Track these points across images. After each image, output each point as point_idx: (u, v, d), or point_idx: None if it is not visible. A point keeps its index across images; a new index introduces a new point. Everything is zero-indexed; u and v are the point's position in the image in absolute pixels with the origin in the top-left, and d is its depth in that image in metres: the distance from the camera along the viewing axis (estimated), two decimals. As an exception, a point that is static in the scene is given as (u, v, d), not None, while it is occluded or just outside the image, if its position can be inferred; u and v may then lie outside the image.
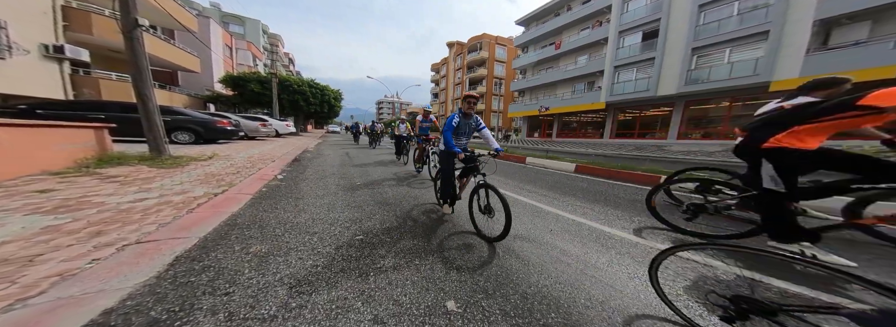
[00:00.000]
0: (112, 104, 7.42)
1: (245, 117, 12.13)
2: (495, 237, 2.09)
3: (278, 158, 6.27)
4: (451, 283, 1.55)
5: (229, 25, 30.65)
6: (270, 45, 20.10)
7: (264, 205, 2.87)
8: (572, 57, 21.21)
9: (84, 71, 10.73)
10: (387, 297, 1.39)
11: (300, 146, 9.94)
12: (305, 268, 1.65)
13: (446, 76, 48.47)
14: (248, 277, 1.52)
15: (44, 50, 8.70)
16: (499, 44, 37.63)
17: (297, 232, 2.22)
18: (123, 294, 1.29)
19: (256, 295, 1.35)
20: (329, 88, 22.14)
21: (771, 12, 11.46)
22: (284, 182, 4.14)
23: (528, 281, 1.60)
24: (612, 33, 17.45)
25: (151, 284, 1.39)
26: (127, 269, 1.47)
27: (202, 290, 1.37)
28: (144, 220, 2.15)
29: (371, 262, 1.76)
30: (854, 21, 10.08)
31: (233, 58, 24.53)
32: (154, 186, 3.15)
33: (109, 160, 4.17)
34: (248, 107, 19.51)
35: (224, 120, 8.74)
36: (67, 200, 2.46)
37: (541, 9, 23.37)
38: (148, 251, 1.69)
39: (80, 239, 1.76)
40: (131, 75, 4.58)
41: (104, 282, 1.35)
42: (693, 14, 13.76)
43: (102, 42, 10.60)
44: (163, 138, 4.86)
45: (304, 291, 1.41)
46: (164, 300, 1.28)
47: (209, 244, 1.90)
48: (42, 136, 3.55)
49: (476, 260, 1.85)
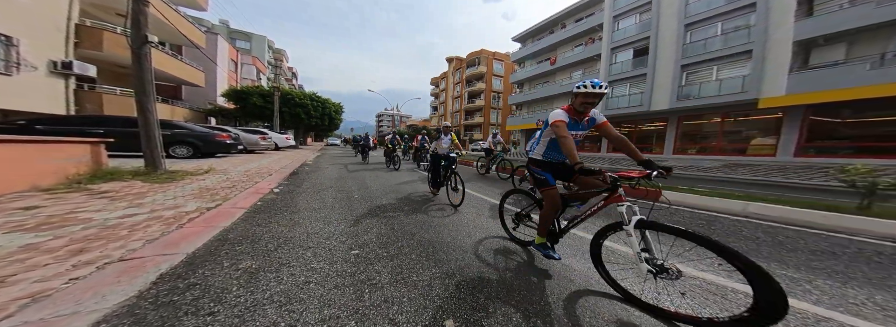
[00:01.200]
0: (112, 118, 7.46)
1: (245, 130, 12.18)
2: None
3: (276, 172, 6.22)
4: (449, 301, 1.46)
5: (236, 41, 31.66)
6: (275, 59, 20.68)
7: (258, 220, 2.80)
8: (567, 72, 21.90)
9: (89, 86, 10.90)
10: (382, 316, 1.31)
11: (299, 159, 9.91)
12: (297, 285, 1.56)
13: (445, 90, 49.66)
14: (236, 295, 1.43)
15: (52, 66, 8.87)
16: (496, 59, 38.94)
17: (291, 246, 2.14)
18: (98, 316, 1.21)
19: (243, 315, 1.27)
20: (330, 101, 22.50)
21: (753, 32, 12.00)
22: (280, 196, 4.07)
23: (531, 299, 1.52)
24: (605, 50, 18.14)
25: (130, 305, 1.30)
26: (106, 289, 1.39)
27: (185, 310, 1.28)
28: (131, 237, 2.07)
29: (366, 278, 1.68)
30: (830, 43, 10.54)
31: (237, 72, 25.10)
32: (145, 201, 3.08)
33: (103, 175, 4.11)
34: (250, 120, 19.68)
35: (223, 133, 8.75)
36: (51, 217, 2.38)
37: (536, 26, 24.45)
38: (131, 269, 1.61)
39: (60, 257, 1.68)
40: (135, 89, 4.64)
41: (79, 304, 1.26)
42: (680, 33, 14.40)
43: (111, 58, 10.84)
44: (160, 152, 4.83)
45: (294, 310, 1.33)
46: (143, 321, 1.19)
47: (197, 260, 1.81)
48: (34, 152, 3.51)
49: (475, 276, 1.77)
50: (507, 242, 2.44)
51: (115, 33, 10.40)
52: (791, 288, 1.77)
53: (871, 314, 1.50)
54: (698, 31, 14.07)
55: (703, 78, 13.81)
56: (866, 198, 3.39)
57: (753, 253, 2.39)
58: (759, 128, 12.53)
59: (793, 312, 1.46)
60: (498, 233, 2.68)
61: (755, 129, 12.64)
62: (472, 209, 3.69)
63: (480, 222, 3.05)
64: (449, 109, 47.64)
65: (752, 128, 12.74)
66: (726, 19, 13.09)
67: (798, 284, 1.83)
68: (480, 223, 3.02)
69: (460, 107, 43.05)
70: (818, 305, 1.58)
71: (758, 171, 9.20)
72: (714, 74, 13.44)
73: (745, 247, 2.52)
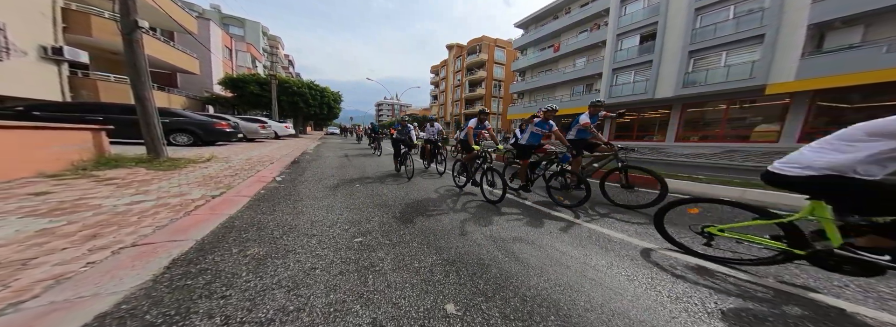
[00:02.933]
0: (111, 106, 7.40)
1: (244, 119, 12.10)
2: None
3: (277, 160, 6.25)
4: (450, 286, 1.53)
5: (229, 27, 30.66)
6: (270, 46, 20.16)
7: (263, 208, 2.86)
8: (571, 59, 21.35)
9: (83, 73, 10.71)
10: (386, 300, 1.38)
11: (299, 148, 9.92)
12: (303, 271, 1.63)
13: (446, 78, 48.62)
14: (246, 280, 1.50)
15: (42, 52, 8.68)
16: (498, 46, 37.84)
17: (296, 234, 2.21)
18: (118, 298, 1.27)
19: (254, 299, 1.34)
20: (329, 90, 22.15)
21: (766, 16, 11.59)
22: (283, 184, 4.13)
23: (528, 284, 1.59)
24: (610, 36, 17.59)
25: (147, 288, 1.37)
26: (122, 273, 1.46)
27: (199, 294, 1.35)
28: (141, 223, 2.13)
29: (370, 265, 1.75)
30: (847, 25, 10.20)
31: (232, 59, 24.54)
32: (151, 189, 3.13)
33: (106, 162, 4.15)
34: (247, 108, 19.48)
35: (223, 122, 8.71)
36: (63, 203, 2.44)
37: (540, 11, 23.57)
38: (144, 254, 1.67)
39: (75, 242, 1.74)
40: (130, 77, 4.58)
41: (99, 286, 1.33)
42: (690, 17, 13.90)
43: (102, 44, 10.59)
44: (161, 140, 4.84)
45: (302, 294, 1.40)
46: (160, 303, 1.26)
47: (206, 247, 1.88)
48: (38, 138, 3.53)
49: (476, 262, 1.84)
50: (506, 232, 2.51)
51: (103, 18, 10.09)
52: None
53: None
54: (709, 15, 13.58)
55: (710, 64, 13.49)
56: None
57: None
58: (763, 115, 12.39)
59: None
60: (497, 221, 2.75)
61: (760, 116, 12.49)
62: (474, 202, 3.75)
63: (482, 213, 3.12)
64: (449, 98, 46.87)
65: (758, 115, 12.58)
66: (739, 2, 12.58)
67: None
68: (482, 214, 3.09)
69: (461, 96, 42.36)
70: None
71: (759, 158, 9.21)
72: (722, 60, 13.11)
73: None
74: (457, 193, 4.01)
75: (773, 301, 1.53)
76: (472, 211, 3.11)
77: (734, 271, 1.84)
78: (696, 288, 1.63)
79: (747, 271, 1.84)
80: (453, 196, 3.84)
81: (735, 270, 1.85)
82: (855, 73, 9.30)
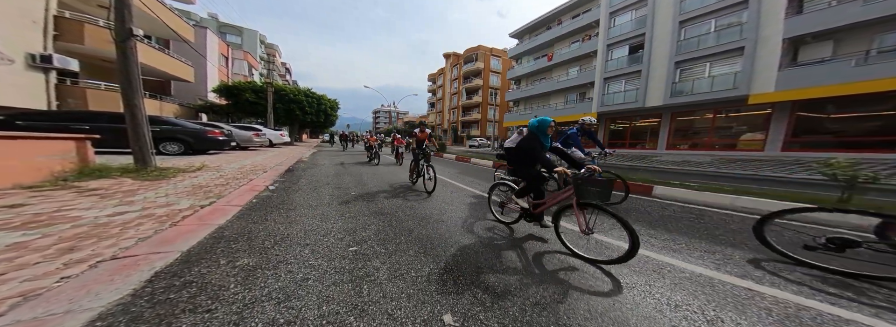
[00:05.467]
0: (99, 114, 7.24)
1: (238, 127, 11.96)
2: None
3: (271, 169, 6.14)
4: (447, 296, 1.48)
5: (226, 36, 30.75)
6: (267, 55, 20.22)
7: (254, 217, 2.77)
8: (564, 68, 21.88)
9: (72, 80, 10.53)
10: (381, 311, 1.32)
11: (294, 156, 9.79)
12: (295, 282, 1.56)
13: (443, 86, 49.26)
14: (234, 293, 1.43)
15: (30, 59, 8.54)
16: (494, 55, 38.70)
17: (288, 244, 2.13)
18: (93, 314, 1.19)
19: (241, 312, 1.27)
20: (326, 98, 22.14)
21: (745, 29, 12.13)
22: (276, 193, 4.03)
23: (527, 293, 1.54)
24: (601, 46, 18.14)
25: (126, 303, 1.29)
26: (100, 287, 1.37)
27: (182, 308, 1.28)
28: (123, 235, 2.04)
29: (365, 274, 1.68)
30: (817, 40, 10.72)
31: (228, 67, 24.51)
32: (136, 199, 3.02)
33: (90, 172, 4.01)
34: (242, 116, 19.31)
35: (216, 130, 8.59)
36: (38, 215, 2.32)
37: (533, 22, 24.29)
38: (124, 267, 1.59)
39: (50, 256, 1.65)
40: (121, 85, 4.50)
41: (72, 302, 1.24)
42: (674, 29, 14.47)
43: (94, 51, 10.48)
44: (149, 149, 4.72)
45: (293, 306, 1.33)
46: (139, 319, 1.18)
47: (193, 258, 1.80)
48: (14, 148, 3.39)
49: (473, 271, 1.79)
50: (502, 240, 2.47)
51: (97, 26, 10.03)
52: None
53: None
54: (692, 28, 14.16)
55: (696, 74, 13.95)
56: (846, 190, 3.51)
57: (741, 245, 2.46)
58: (748, 124, 12.77)
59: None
60: (493, 229, 2.71)
61: (745, 125, 12.88)
62: (468, 206, 3.71)
63: (477, 215, 3.08)
64: (446, 105, 47.31)
65: (743, 124, 12.98)
66: (719, 16, 13.19)
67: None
68: (477, 216, 3.04)
69: (458, 104, 42.83)
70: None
71: (747, 166, 9.41)
72: (707, 71, 13.59)
73: (732, 239, 2.59)
74: (461, 202, 3.97)
75: (771, 308, 1.51)
76: (471, 218, 3.07)
77: (745, 281, 1.83)
78: (695, 295, 1.60)
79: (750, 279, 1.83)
80: (455, 204, 3.79)
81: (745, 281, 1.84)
82: (828, 86, 9.73)
